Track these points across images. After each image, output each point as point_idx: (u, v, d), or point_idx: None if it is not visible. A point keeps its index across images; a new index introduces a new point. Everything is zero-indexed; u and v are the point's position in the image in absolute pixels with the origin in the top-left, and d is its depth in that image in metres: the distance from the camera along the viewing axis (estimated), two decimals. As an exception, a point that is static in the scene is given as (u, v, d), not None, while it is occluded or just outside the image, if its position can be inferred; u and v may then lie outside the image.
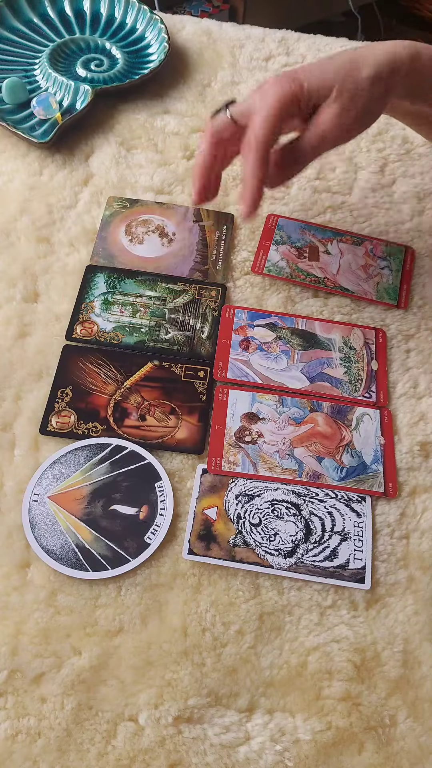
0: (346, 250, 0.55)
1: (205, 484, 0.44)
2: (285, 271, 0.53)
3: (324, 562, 0.41)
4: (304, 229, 0.56)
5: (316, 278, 0.53)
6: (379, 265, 0.54)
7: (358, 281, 0.53)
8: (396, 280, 0.54)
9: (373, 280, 0.53)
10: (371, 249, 0.55)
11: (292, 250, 0.54)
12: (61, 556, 0.40)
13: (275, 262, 0.54)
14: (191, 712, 0.37)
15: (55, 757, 0.35)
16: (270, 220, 0.56)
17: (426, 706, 0.38)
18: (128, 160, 0.60)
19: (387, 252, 0.55)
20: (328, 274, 0.53)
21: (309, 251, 0.54)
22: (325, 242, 0.55)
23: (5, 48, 0.65)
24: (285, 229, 0.55)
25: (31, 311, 0.50)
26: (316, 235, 0.55)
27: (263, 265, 0.54)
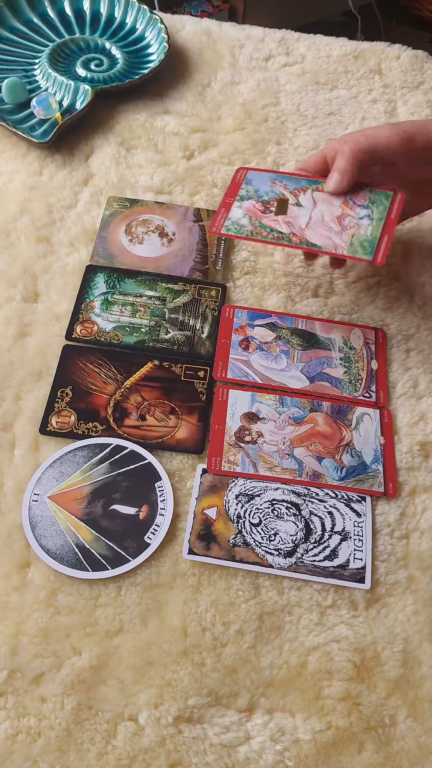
0: (320, 199, 0.47)
1: (205, 483, 0.44)
2: (246, 229, 0.46)
3: (324, 561, 0.41)
4: (276, 180, 0.48)
5: (280, 234, 0.46)
6: (357, 214, 0.46)
7: (329, 235, 0.46)
8: (376, 231, 0.46)
9: (347, 233, 0.46)
10: (350, 197, 0.47)
11: (258, 204, 0.47)
12: (61, 556, 0.40)
13: (236, 220, 0.47)
14: (191, 712, 0.37)
15: (55, 757, 0.35)
16: (238, 174, 0.49)
17: (426, 706, 0.38)
18: (128, 160, 0.60)
19: (370, 199, 0.47)
20: (295, 228, 0.46)
21: (277, 205, 0.47)
22: (298, 193, 0.48)
23: (5, 48, 0.65)
24: (254, 182, 0.48)
25: (31, 311, 0.50)
26: (288, 185, 0.48)
27: (222, 224, 0.47)
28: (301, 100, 0.66)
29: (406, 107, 0.66)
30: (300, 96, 0.66)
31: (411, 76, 0.69)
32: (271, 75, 0.68)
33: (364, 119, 0.65)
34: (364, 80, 0.68)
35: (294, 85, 0.67)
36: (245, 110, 0.65)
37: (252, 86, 0.67)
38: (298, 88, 0.67)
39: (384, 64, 0.70)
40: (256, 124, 0.64)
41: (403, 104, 0.66)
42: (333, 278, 0.54)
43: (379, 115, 0.65)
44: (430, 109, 0.66)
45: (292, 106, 0.65)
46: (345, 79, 0.68)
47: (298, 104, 0.66)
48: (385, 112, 0.65)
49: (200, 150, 0.61)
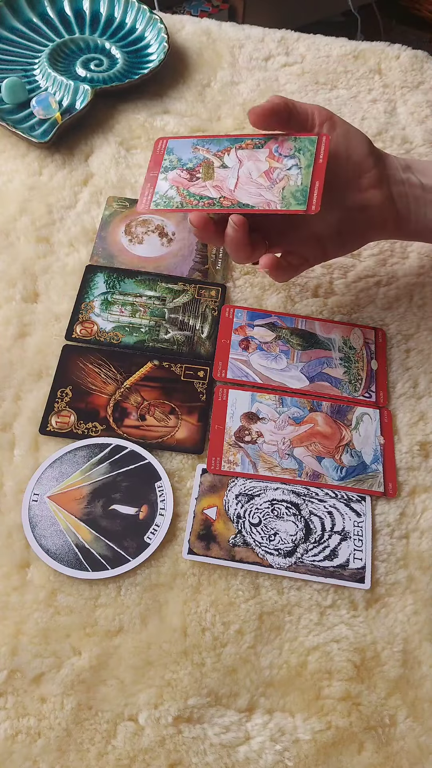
0: (245, 157, 0.45)
1: (204, 483, 0.44)
2: (175, 200, 0.44)
3: (324, 561, 0.41)
4: (197, 145, 0.46)
5: (211, 200, 0.44)
6: (285, 165, 0.45)
7: (259, 191, 0.44)
8: (306, 179, 0.44)
9: (277, 186, 0.44)
10: (276, 149, 0.45)
11: (183, 173, 0.45)
12: (60, 556, 0.40)
13: (163, 193, 0.44)
14: (191, 712, 0.37)
15: (55, 757, 0.35)
16: (159, 145, 0.46)
17: (426, 706, 0.38)
18: (128, 160, 0.60)
19: (296, 147, 0.45)
20: (225, 191, 0.44)
21: (202, 170, 0.45)
22: (221, 155, 0.45)
23: (5, 48, 0.65)
24: (176, 150, 0.46)
25: (30, 311, 0.50)
26: (210, 149, 0.46)
27: (150, 200, 0.45)
28: (301, 100, 0.66)
29: (406, 107, 0.66)
30: (300, 96, 0.66)
31: (411, 76, 0.69)
32: (271, 75, 0.68)
33: (363, 119, 0.65)
34: (364, 80, 0.68)
35: (294, 85, 0.67)
36: (245, 110, 0.65)
37: (252, 86, 0.67)
38: (297, 88, 0.67)
39: (384, 64, 0.70)
40: (256, 124, 0.64)
41: (402, 104, 0.66)
42: (333, 278, 0.54)
43: (379, 115, 0.65)
44: (430, 109, 0.66)
45: (292, 106, 0.65)
46: (345, 79, 0.68)
47: (298, 104, 0.65)
48: (385, 112, 0.65)
49: (200, 150, 0.61)
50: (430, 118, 0.65)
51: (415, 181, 0.46)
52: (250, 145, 0.45)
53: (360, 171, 0.44)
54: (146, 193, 0.45)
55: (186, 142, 0.46)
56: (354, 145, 0.44)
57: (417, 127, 0.64)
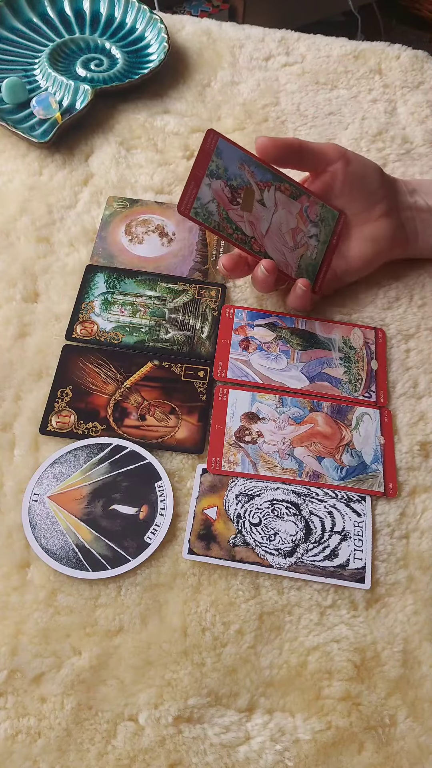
0: (281, 203, 0.45)
1: (205, 483, 0.44)
2: (213, 218, 0.44)
3: (324, 561, 0.41)
4: (244, 163, 0.45)
5: (244, 236, 0.44)
6: (308, 231, 0.46)
7: (283, 250, 0.45)
8: (319, 256, 0.46)
9: (297, 252, 0.46)
10: (306, 208, 0.46)
11: (226, 189, 0.44)
12: (61, 556, 0.40)
13: (205, 204, 0.44)
14: (191, 712, 0.37)
15: (55, 757, 0.35)
16: (209, 139, 0.44)
17: (426, 706, 0.38)
18: (128, 160, 0.60)
19: (321, 215, 0.46)
20: (257, 232, 0.45)
21: (244, 196, 0.44)
22: (263, 187, 0.45)
23: (5, 48, 0.65)
24: (224, 155, 0.44)
25: (30, 311, 0.50)
26: (255, 173, 0.45)
27: (190, 205, 0.43)
28: (301, 100, 0.66)
29: (406, 107, 0.66)
30: (300, 96, 0.66)
31: (411, 76, 0.69)
32: (271, 75, 0.68)
33: (364, 119, 0.65)
34: (364, 80, 0.68)
35: (294, 85, 0.67)
36: (245, 110, 0.65)
37: (252, 86, 0.67)
38: (298, 88, 0.67)
39: (384, 64, 0.70)
40: (256, 124, 0.64)
41: (403, 104, 0.66)
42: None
43: (379, 115, 0.65)
44: (430, 109, 0.66)
45: (292, 105, 0.65)
46: (345, 79, 0.68)
47: (298, 104, 0.66)
48: (385, 112, 0.65)
49: (200, 150, 0.61)
50: (430, 118, 0.65)
51: (422, 204, 0.49)
52: (287, 191, 0.46)
53: (373, 202, 0.48)
54: (189, 193, 0.43)
55: (234, 151, 0.45)
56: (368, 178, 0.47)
57: (417, 127, 0.64)
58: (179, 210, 0.43)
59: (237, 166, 0.44)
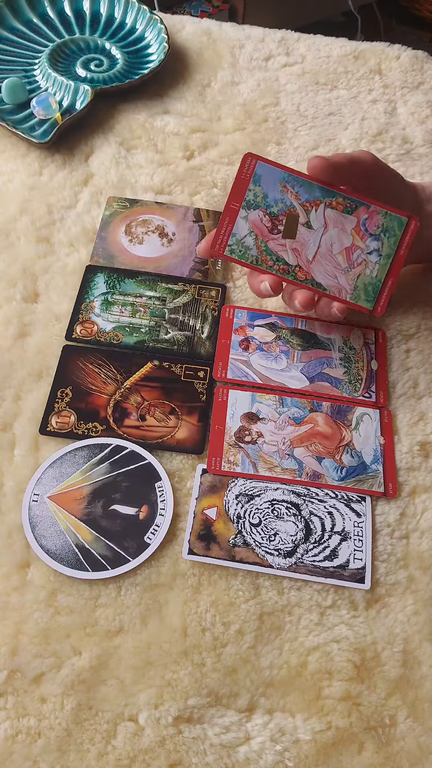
0: (333, 220, 0.41)
1: (204, 484, 0.44)
2: (251, 253, 0.41)
3: (324, 562, 0.41)
4: (287, 183, 0.41)
5: (286, 266, 0.41)
6: (367, 247, 0.41)
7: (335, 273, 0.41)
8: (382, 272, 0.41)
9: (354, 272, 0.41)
10: (364, 221, 0.41)
11: (265, 218, 0.41)
12: (61, 556, 0.40)
13: (241, 239, 0.41)
14: (191, 712, 0.37)
15: (55, 757, 0.35)
16: (246, 163, 0.40)
17: (426, 706, 0.38)
18: (128, 160, 0.60)
19: (383, 226, 0.41)
20: (302, 259, 0.41)
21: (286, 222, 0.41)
22: (310, 207, 0.41)
23: (5, 48, 0.65)
24: (263, 180, 0.41)
25: (31, 311, 0.50)
26: (300, 194, 0.41)
27: (225, 243, 0.41)
28: (301, 101, 0.66)
29: (406, 107, 0.66)
30: (300, 96, 0.66)
31: (411, 76, 0.69)
32: (271, 75, 0.68)
33: (364, 119, 0.65)
34: (364, 80, 0.68)
35: (294, 86, 0.67)
36: (245, 110, 0.65)
37: (252, 86, 0.67)
38: (298, 89, 0.67)
39: (384, 64, 0.70)
40: (256, 124, 0.64)
41: (403, 104, 0.66)
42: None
43: (379, 116, 0.65)
44: (430, 110, 0.66)
45: (292, 106, 0.65)
46: (345, 79, 0.68)
47: (298, 104, 0.66)
48: (385, 112, 0.65)
49: (200, 150, 0.61)
50: (430, 119, 0.65)
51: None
52: (340, 205, 0.41)
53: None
54: (224, 231, 0.41)
55: (275, 172, 0.41)
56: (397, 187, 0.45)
57: (417, 127, 0.64)
58: (212, 250, 0.41)
59: (279, 189, 0.41)
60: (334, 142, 0.63)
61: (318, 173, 0.40)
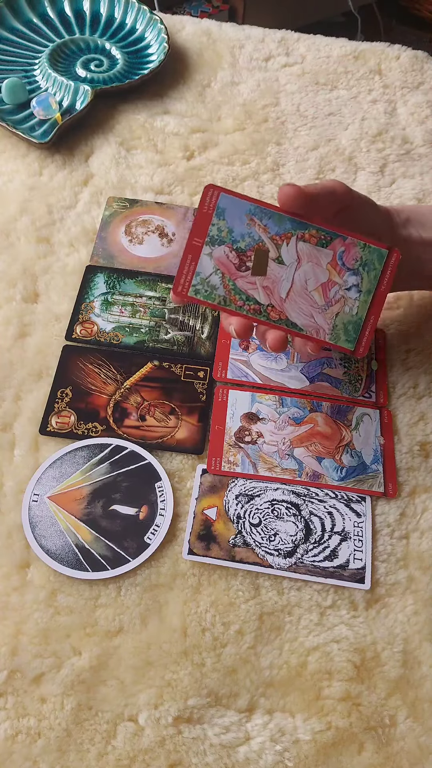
0: (306, 254, 0.38)
1: (204, 484, 0.44)
2: (218, 292, 0.38)
3: (324, 562, 0.41)
4: (254, 216, 0.37)
5: (258, 305, 0.38)
6: (345, 282, 0.38)
7: (311, 312, 0.38)
8: (362, 309, 0.38)
9: (332, 310, 0.38)
10: (341, 254, 0.38)
11: (232, 255, 0.37)
12: (61, 556, 0.40)
13: (206, 278, 0.38)
14: (191, 713, 0.37)
15: (55, 758, 0.35)
16: (208, 195, 0.37)
17: (426, 706, 0.38)
18: (128, 161, 0.60)
19: (362, 259, 0.38)
20: (275, 298, 0.38)
21: (254, 258, 0.37)
22: (280, 240, 0.38)
23: (5, 48, 0.65)
24: (227, 213, 0.37)
25: (30, 311, 0.50)
26: (268, 227, 0.37)
27: (188, 283, 0.38)
28: (301, 101, 0.66)
29: (406, 107, 0.66)
30: (300, 96, 0.66)
31: (411, 76, 0.69)
32: (271, 75, 0.68)
33: (363, 119, 0.65)
34: (364, 80, 0.68)
35: (294, 86, 0.67)
36: (245, 110, 0.65)
37: (252, 86, 0.67)
38: (298, 89, 0.67)
39: (384, 64, 0.70)
40: (256, 125, 0.64)
41: (403, 104, 0.66)
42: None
43: (379, 116, 0.65)
44: (430, 110, 0.66)
45: (292, 106, 0.65)
46: (345, 79, 0.68)
47: (298, 104, 0.66)
48: (385, 113, 0.65)
49: (200, 150, 0.61)
50: (430, 119, 0.65)
51: (416, 237, 0.45)
52: (314, 238, 0.38)
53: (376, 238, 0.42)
54: (186, 270, 0.38)
55: (241, 205, 0.37)
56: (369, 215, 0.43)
57: (417, 127, 0.64)
58: (175, 292, 0.38)
59: (245, 223, 0.37)
60: (334, 142, 0.63)
61: (291, 202, 0.37)
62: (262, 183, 0.59)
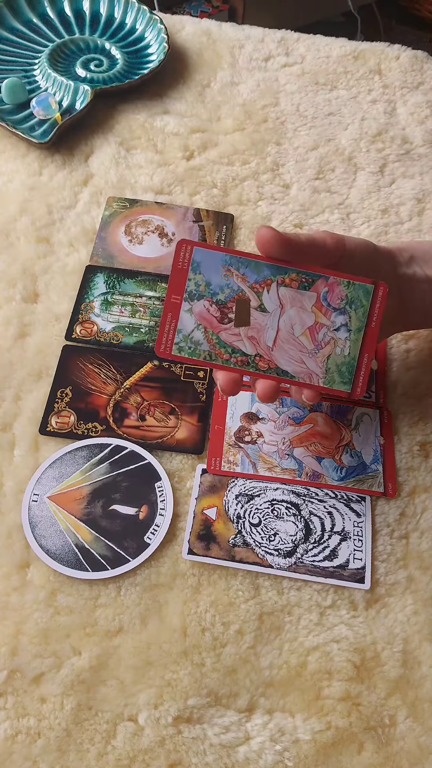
0: (288, 299, 0.37)
1: (204, 484, 0.44)
2: (202, 348, 0.37)
3: (324, 562, 0.41)
4: (231, 267, 0.37)
5: (245, 357, 0.37)
6: (333, 323, 0.37)
7: (301, 357, 0.37)
8: (354, 348, 0.37)
9: (322, 353, 0.37)
10: (324, 295, 0.37)
11: (213, 308, 0.37)
12: (60, 556, 0.40)
13: (188, 334, 0.37)
14: (191, 712, 0.37)
15: (55, 758, 0.35)
16: (181, 251, 0.37)
17: (426, 706, 0.38)
18: (128, 161, 0.60)
19: (347, 298, 0.37)
20: (262, 347, 0.37)
21: (236, 309, 0.37)
22: (260, 288, 0.37)
23: (5, 48, 0.65)
24: (203, 267, 0.37)
25: (30, 311, 0.50)
26: (247, 276, 0.37)
27: (171, 341, 0.37)
28: (300, 101, 0.66)
29: (406, 107, 0.66)
30: (300, 96, 0.66)
31: (411, 76, 0.69)
32: (271, 75, 0.68)
33: (363, 119, 0.65)
34: (364, 80, 0.68)
35: (294, 86, 0.67)
36: (245, 110, 0.65)
37: (252, 86, 0.67)
38: (297, 89, 0.67)
39: (384, 64, 0.70)
40: (256, 125, 0.64)
41: (402, 104, 0.66)
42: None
43: (379, 116, 0.65)
44: (430, 110, 0.66)
45: (292, 106, 0.65)
46: (345, 79, 0.68)
47: (298, 104, 0.66)
48: (385, 113, 0.65)
49: (200, 150, 0.61)
50: (430, 119, 0.65)
51: (421, 275, 0.43)
52: (295, 282, 0.37)
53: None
54: (167, 329, 0.37)
55: (215, 257, 0.37)
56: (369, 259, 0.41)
57: (417, 127, 0.64)
58: (158, 352, 0.37)
59: (222, 274, 0.37)
60: (334, 142, 0.63)
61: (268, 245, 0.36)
62: (262, 183, 0.59)
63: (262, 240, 0.36)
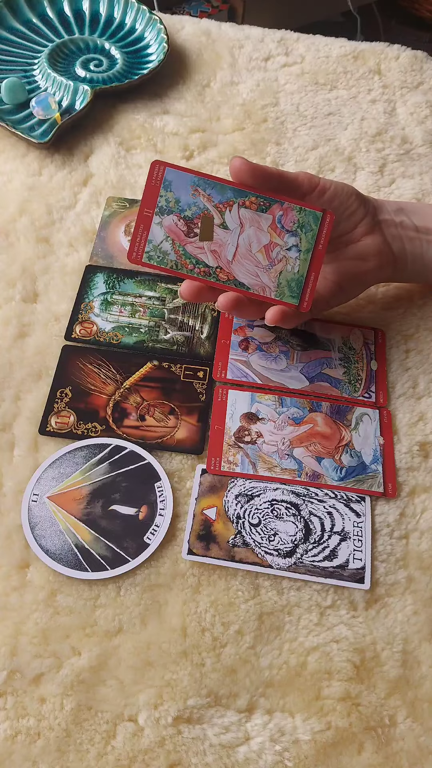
0: (248, 219, 0.41)
1: (204, 484, 0.44)
2: (169, 258, 0.41)
3: (323, 562, 0.41)
4: (198, 187, 0.41)
5: (207, 268, 0.41)
6: (285, 243, 0.41)
7: (257, 271, 0.42)
8: (303, 266, 0.42)
9: (275, 269, 0.42)
10: (279, 218, 0.41)
11: (181, 223, 0.41)
12: (60, 556, 0.40)
13: (158, 245, 0.41)
14: (191, 713, 0.37)
15: (55, 758, 0.35)
16: (155, 171, 0.41)
17: (425, 706, 0.38)
18: (127, 161, 0.60)
19: (299, 222, 0.41)
20: (222, 260, 0.41)
21: (201, 225, 0.41)
22: (223, 208, 0.41)
23: (4, 48, 0.65)
24: (174, 186, 0.41)
25: (30, 311, 0.50)
26: (212, 196, 0.41)
27: (142, 250, 0.41)
28: (300, 101, 0.66)
29: (406, 107, 0.66)
30: (299, 96, 0.66)
31: (410, 76, 0.69)
32: (271, 75, 0.68)
33: (363, 119, 0.65)
34: (364, 80, 0.68)
35: (293, 86, 0.67)
36: (244, 110, 0.65)
37: (251, 86, 0.67)
38: (297, 89, 0.67)
39: (383, 64, 0.70)
40: (256, 125, 0.64)
41: (402, 104, 0.66)
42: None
43: (379, 116, 0.65)
44: (430, 110, 0.66)
45: (292, 106, 0.65)
46: (344, 79, 0.68)
47: (298, 104, 0.66)
48: (385, 113, 0.65)
49: (200, 150, 0.61)
50: (429, 119, 0.65)
51: (409, 223, 0.47)
52: (254, 204, 0.41)
53: (354, 222, 0.45)
54: (139, 239, 0.41)
55: (185, 177, 0.41)
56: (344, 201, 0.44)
57: (417, 127, 0.64)
58: (129, 258, 0.41)
59: (190, 193, 0.41)
60: (334, 142, 0.63)
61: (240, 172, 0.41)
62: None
63: (233, 168, 0.41)
